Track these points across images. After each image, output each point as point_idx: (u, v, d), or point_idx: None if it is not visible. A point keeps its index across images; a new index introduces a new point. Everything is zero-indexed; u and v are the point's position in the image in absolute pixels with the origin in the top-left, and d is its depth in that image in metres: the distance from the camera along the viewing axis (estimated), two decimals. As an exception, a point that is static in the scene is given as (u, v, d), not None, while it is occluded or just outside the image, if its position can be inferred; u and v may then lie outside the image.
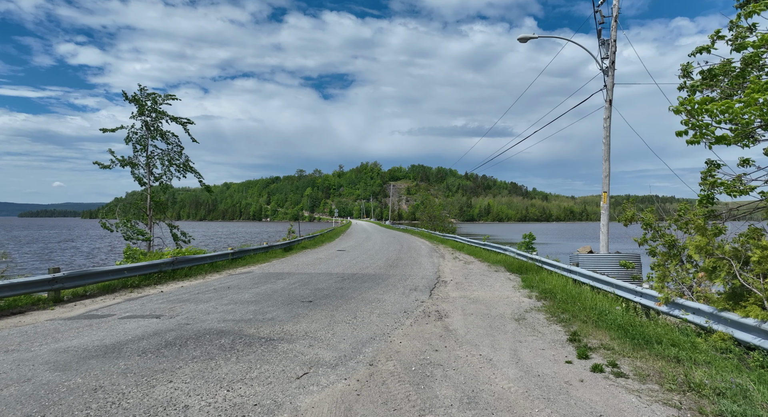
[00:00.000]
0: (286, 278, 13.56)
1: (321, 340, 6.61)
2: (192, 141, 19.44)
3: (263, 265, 17.04)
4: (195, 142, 19.51)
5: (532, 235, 25.12)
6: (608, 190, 16.55)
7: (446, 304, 9.77)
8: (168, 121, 18.88)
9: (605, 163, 16.51)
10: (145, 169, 17.97)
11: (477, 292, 11.44)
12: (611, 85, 16.21)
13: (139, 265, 11.92)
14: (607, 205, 16.54)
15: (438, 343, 6.59)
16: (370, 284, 12.41)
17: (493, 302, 9.92)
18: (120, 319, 7.93)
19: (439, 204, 56.33)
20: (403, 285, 12.41)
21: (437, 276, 14.50)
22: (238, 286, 11.86)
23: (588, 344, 6.38)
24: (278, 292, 10.90)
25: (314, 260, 19.05)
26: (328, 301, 9.76)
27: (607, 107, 16.36)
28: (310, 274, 14.63)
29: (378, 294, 10.86)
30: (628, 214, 12.79)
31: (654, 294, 8.02)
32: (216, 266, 15.77)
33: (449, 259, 20.72)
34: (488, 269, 16.59)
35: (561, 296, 9.85)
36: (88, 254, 39.05)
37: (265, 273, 14.83)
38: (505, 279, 13.97)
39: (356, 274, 14.46)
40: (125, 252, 15.83)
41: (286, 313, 8.44)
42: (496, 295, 10.92)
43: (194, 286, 11.89)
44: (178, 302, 9.56)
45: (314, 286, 12.06)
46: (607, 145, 16.51)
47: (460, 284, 12.75)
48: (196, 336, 6.66)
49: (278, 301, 9.79)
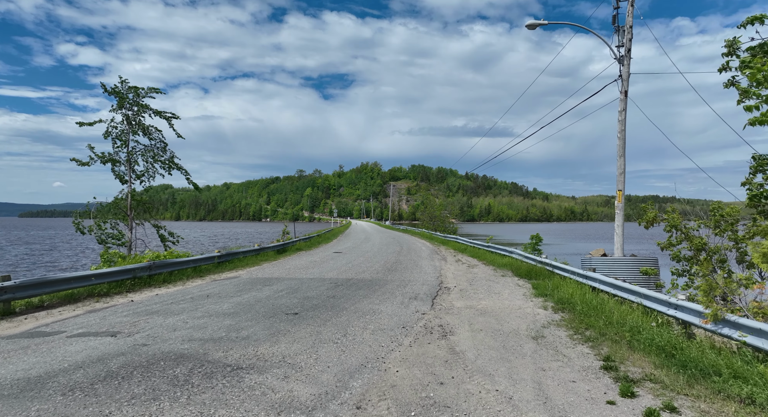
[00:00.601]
0: (274, 284, 12.37)
1: (300, 368, 5.42)
2: (177, 136, 18.25)
3: (252, 269, 15.86)
4: (180, 137, 18.33)
5: (539, 236, 23.87)
6: (623, 188, 15.36)
7: (451, 316, 8.58)
8: (151, 115, 17.67)
9: (620, 160, 15.31)
10: (126, 166, 16.77)
11: (484, 301, 10.24)
12: (627, 75, 15.03)
13: (109, 271, 10.74)
14: (622, 205, 15.35)
15: (443, 371, 5.40)
16: (366, 292, 11.22)
17: (504, 314, 8.72)
18: (68, 337, 6.74)
19: (440, 204, 55.15)
20: (402, 293, 11.22)
21: (439, 282, 13.31)
22: (218, 295, 10.67)
23: (628, 374, 5.19)
24: (261, 302, 9.70)
25: (308, 263, 17.86)
26: (316, 314, 8.57)
27: (623, 99, 15.17)
28: (300, 279, 13.44)
29: (374, 304, 9.67)
30: (649, 215, 11.61)
31: (694, 307, 6.82)
32: (200, 271, 14.59)
33: (451, 262, 19.53)
34: (494, 274, 15.39)
35: (581, 308, 8.65)
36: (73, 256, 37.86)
37: (252, 278, 13.65)
38: (514, 285, 12.78)
39: (351, 280, 13.27)
40: (102, 255, 14.64)
41: (265, 330, 7.25)
42: (506, 305, 9.72)
43: (170, 295, 10.70)
44: (146, 315, 8.37)
45: (303, 293, 10.87)
46: (622, 140, 15.32)
47: (464, 292, 11.56)
48: (148, 363, 5.46)
49: (259, 313, 8.60)
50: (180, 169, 18.42)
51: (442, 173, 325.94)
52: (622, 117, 15.24)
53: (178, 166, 18.32)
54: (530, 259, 16.17)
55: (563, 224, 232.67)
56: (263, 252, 20.23)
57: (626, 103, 15.22)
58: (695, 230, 10.54)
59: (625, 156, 15.36)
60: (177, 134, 18.29)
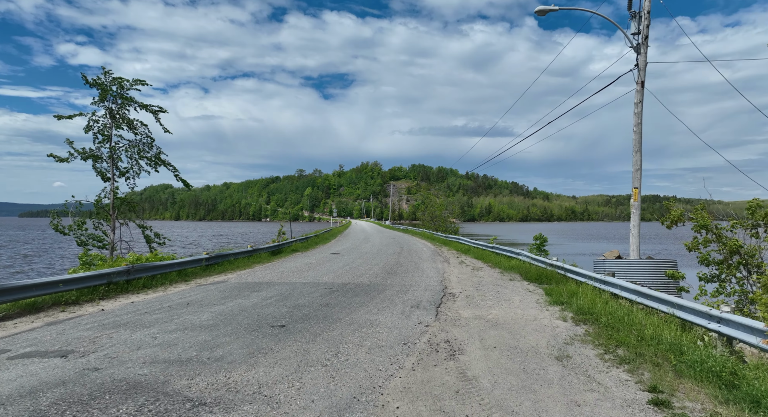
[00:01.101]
0: (263, 290, 11.35)
1: (278, 403, 4.40)
2: (164, 131, 17.24)
3: (242, 273, 14.83)
4: (167, 132, 17.31)
5: (543, 236, 22.89)
6: (640, 185, 14.32)
7: (458, 329, 7.56)
8: (137, 108, 16.67)
9: (636, 155, 14.27)
10: (108, 162, 15.75)
11: (494, 310, 9.22)
12: (644, 65, 13.99)
13: (79, 277, 9.71)
14: (639, 204, 14.31)
15: (454, 407, 4.38)
16: (363, 299, 10.20)
17: (519, 327, 7.70)
18: (9, 359, 5.72)
19: (441, 203, 54.11)
20: (403, 299, 10.20)
21: (443, 286, 12.29)
22: (200, 302, 9.65)
23: (686, 413, 4.17)
24: (246, 312, 8.68)
25: (303, 266, 16.83)
26: (306, 326, 7.55)
27: (639, 90, 14.14)
28: (293, 284, 12.42)
29: (371, 313, 8.65)
30: (674, 213, 10.61)
31: (748, 322, 5.80)
32: (186, 275, 13.56)
33: (455, 263, 18.51)
34: (501, 277, 14.36)
35: (606, 320, 7.63)
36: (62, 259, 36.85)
37: (241, 283, 12.62)
38: (525, 291, 11.75)
39: (347, 285, 12.25)
40: (81, 258, 13.66)
41: (244, 348, 6.23)
42: (519, 315, 8.69)
43: (147, 302, 9.68)
44: (112, 328, 7.35)
45: (294, 301, 9.85)
46: (639, 134, 14.28)
47: (471, 298, 10.53)
48: (90, 397, 4.44)
49: (241, 325, 7.58)
50: (167, 166, 17.44)
51: (443, 173, 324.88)
52: (638, 109, 14.21)
53: (166, 163, 17.35)
54: (540, 261, 15.14)
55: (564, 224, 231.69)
56: (256, 254, 19.20)
57: (643, 95, 14.19)
58: (727, 231, 9.56)
59: (641, 151, 14.32)
60: (164, 129, 17.32)
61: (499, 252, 19.96)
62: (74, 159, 15.52)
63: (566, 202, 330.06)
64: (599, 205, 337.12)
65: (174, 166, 17.49)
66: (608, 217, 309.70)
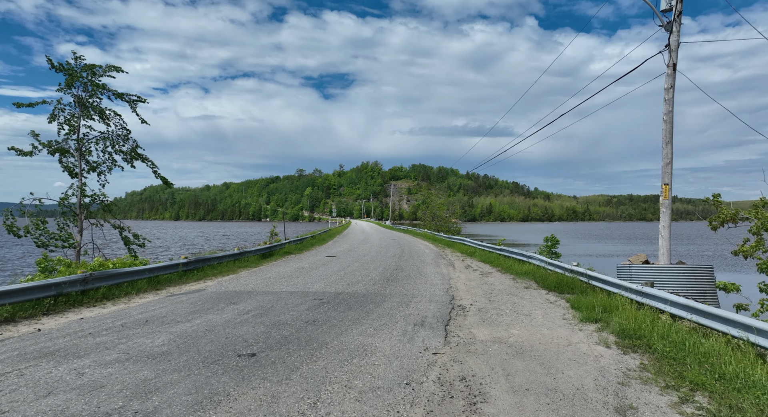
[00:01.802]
0: (242, 301, 9.76)
1: None
2: (141, 122, 15.65)
3: (224, 279, 13.24)
4: (145, 123, 15.71)
5: (554, 238, 21.26)
6: (670, 181, 12.71)
7: (475, 359, 5.96)
8: (111, 97, 15.08)
9: (666, 147, 12.67)
10: (75, 156, 14.14)
11: (515, 328, 7.62)
12: (676, 45, 12.40)
13: (15, 289, 8.11)
14: (669, 202, 12.71)
15: None
16: (357, 314, 8.60)
17: (552, 356, 6.10)
18: None
19: (442, 203, 52.47)
20: (405, 314, 8.61)
21: (450, 297, 10.70)
22: (162, 319, 8.05)
23: None
24: (213, 333, 7.09)
25: (293, 271, 15.24)
26: (283, 355, 5.96)
27: (670, 74, 12.54)
28: (278, 293, 10.83)
29: (366, 335, 7.06)
30: (725, 213, 9.04)
31: None
32: (158, 282, 11.97)
33: (460, 268, 16.91)
34: (515, 285, 12.77)
35: (662, 347, 6.03)
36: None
37: (219, 292, 11.03)
38: (545, 302, 10.16)
39: (341, 295, 10.66)
40: (39, 263, 12.04)
41: (191, 393, 4.64)
42: (547, 337, 7.09)
43: (98, 319, 8.09)
44: (32, 359, 5.76)
45: (275, 317, 8.26)
46: (669, 124, 12.68)
47: (485, 313, 8.93)
48: None
49: (201, 354, 5.99)
50: (145, 161, 15.81)
51: (443, 173, 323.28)
52: (669, 95, 12.61)
53: (143, 158, 15.72)
54: (557, 267, 13.53)
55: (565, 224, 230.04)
56: (244, 257, 17.61)
57: (675, 79, 12.59)
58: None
59: (672, 142, 12.72)
60: (141, 119, 15.73)
61: (509, 255, 18.35)
62: (39, 152, 13.93)
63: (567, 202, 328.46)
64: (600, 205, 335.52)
65: (152, 162, 15.88)
66: (609, 217, 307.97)
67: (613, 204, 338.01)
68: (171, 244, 54.91)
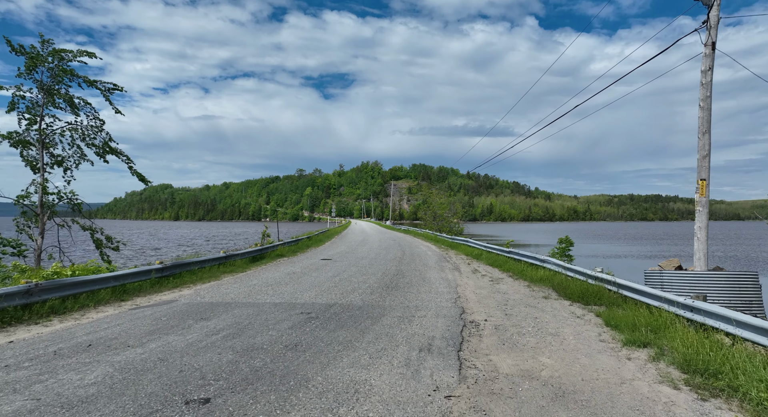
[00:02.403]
0: (215, 317, 8.27)
1: None
2: (116, 112, 14.18)
3: (202, 287, 11.75)
4: (119, 113, 14.24)
5: (569, 239, 19.71)
6: (708, 176, 11.22)
7: (502, 406, 4.47)
8: (81, 84, 13.61)
9: (703, 137, 11.17)
10: (37, 149, 12.65)
11: (545, 355, 6.12)
12: (716, 21, 10.90)
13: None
14: (707, 200, 11.21)
15: None
16: (350, 334, 7.11)
17: (604, 401, 4.59)
18: None
19: (444, 202, 50.91)
20: (408, 335, 7.11)
21: (460, 309, 9.21)
22: (108, 343, 6.56)
23: None
24: (165, 364, 5.60)
25: (282, 277, 13.74)
26: (245, 402, 4.47)
27: (709, 54, 11.04)
28: (260, 305, 9.33)
29: (359, 367, 5.56)
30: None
31: None
32: (125, 291, 10.47)
33: (467, 273, 15.42)
34: (531, 294, 11.27)
35: (754, 390, 4.53)
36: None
37: (192, 304, 9.54)
38: (571, 316, 8.66)
39: (332, 307, 9.16)
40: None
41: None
42: (588, 368, 5.59)
43: (32, 342, 6.60)
44: None
45: (249, 339, 6.77)
46: (707, 111, 11.19)
47: (503, 331, 7.44)
48: None
49: (137, 400, 4.50)
50: (120, 155, 14.38)
51: (444, 172, 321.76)
52: (707, 78, 11.12)
53: (117, 152, 14.28)
54: (578, 272, 12.02)
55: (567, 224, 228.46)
56: (230, 261, 16.10)
57: (713, 60, 11.09)
58: None
59: (710, 132, 11.22)
60: (116, 110, 14.26)
61: (519, 258, 16.82)
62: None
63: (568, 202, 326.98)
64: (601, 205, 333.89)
65: (128, 156, 14.43)
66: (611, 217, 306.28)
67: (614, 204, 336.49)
68: (165, 245, 53.43)
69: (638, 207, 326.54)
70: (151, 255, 38.01)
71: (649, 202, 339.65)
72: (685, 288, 10.86)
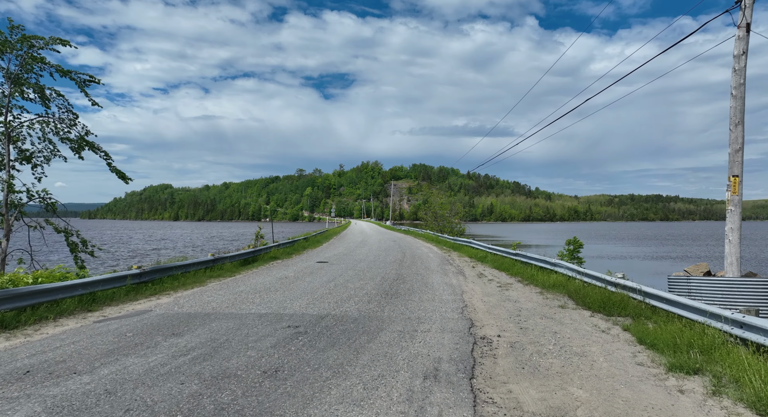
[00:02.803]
0: (189, 332, 7.21)
1: None
2: (92, 105, 13.13)
3: (184, 294, 10.68)
4: (96, 106, 13.19)
5: (578, 241, 18.69)
6: (741, 172, 10.14)
7: (536, 467, 3.39)
8: (53, 73, 12.56)
9: (736, 129, 10.09)
10: (2, 143, 11.58)
11: (575, 385, 5.06)
12: (751, 1, 9.84)
13: None
14: (740, 198, 10.14)
15: None
16: (342, 354, 6.04)
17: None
18: None
19: (445, 202, 49.81)
20: (410, 355, 6.04)
21: (468, 321, 8.14)
22: (51, 369, 5.49)
23: None
24: (111, 398, 4.53)
25: (273, 282, 12.67)
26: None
27: (742, 37, 9.97)
28: (243, 317, 8.26)
29: (350, 403, 4.50)
30: None
31: None
32: (94, 300, 9.40)
33: (472, 277, 14.35)
34: (545, 302, 10.20)
35: None
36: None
37: (167, 315, 8.47)
38: (595, 330, 7.59)
39: (324, 319, 8.10)
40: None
41: None
42: (634, 405, 4.52)
43: (-37, 367, 5.53)
44: None
45: (222, 362, 5.70)
46: (740, 100, 10.11)
47: (520, 350, 6.37)
48: None
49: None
50: (97, 151, 13.31)
51: (444, 172, 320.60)
52: (740, 64, 10.05)
53: (94, 147, 13.22)
54: (595, 278, 10.95)
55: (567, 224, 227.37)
56: (219, 264, 15.03)
57: (747, 44, 10.02)
58: None
59: (743, 124, 10.14)
60: (92, 102, 13.21)
61: (528, 262, 15.75)
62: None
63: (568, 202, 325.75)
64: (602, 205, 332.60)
65: (106, 152, 13.36)
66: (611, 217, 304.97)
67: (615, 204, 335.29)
68: (162, 246, 52.36)
69: (639, 207, 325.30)
70: (149, 256, 36.96)
71: (650, 202, 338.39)
72: (717, 296, 9.82)
